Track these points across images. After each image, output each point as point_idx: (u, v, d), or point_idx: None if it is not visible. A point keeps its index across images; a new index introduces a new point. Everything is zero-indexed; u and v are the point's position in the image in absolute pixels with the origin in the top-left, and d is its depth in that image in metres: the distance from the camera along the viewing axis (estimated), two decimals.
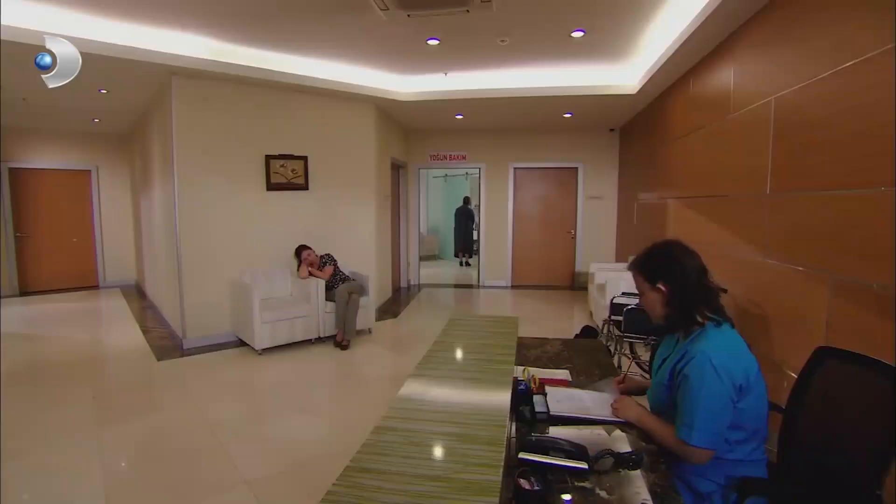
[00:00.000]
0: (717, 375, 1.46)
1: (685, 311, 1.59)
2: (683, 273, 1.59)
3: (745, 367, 1.50)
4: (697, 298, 1.58)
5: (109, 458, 3.00)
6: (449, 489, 1.00)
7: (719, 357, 1.48)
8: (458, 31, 4.33)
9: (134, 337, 5.60)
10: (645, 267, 1.66)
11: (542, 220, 8.72)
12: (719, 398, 1.46)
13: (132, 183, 8.54)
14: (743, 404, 1.49)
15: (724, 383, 1.46)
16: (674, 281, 1.59)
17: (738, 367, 1.49)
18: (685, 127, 4.81)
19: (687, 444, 1.47)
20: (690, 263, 1.60)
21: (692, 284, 1.58)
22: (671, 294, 1.59)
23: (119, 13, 3.90)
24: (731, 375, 1.47)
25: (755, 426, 1.54)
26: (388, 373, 4.59)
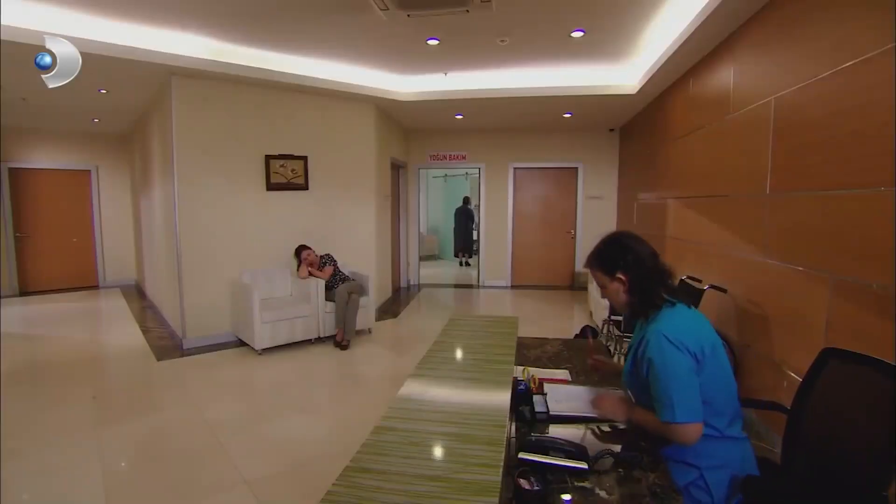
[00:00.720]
0: (675, 348, 1.51)
1: (645, 295, 1.64)
2: (638, 259, 1.64)
3: (699, 339, 1.55)
4: (655, 281, 1.64)
5: (109, 458, 3.00)
6: (448, 489, 1.01)
7: (671, 331, 1.53)
8: (457, 31, 4.33)
9: (134, 337, 5.60)
10: (601, 261, 1.71)
11: (542, 220, 8.72)
12: (685, 370, 1.50)
13: (132, 183, 8.54)
14: (702, 378, 1.52)
15: (683, 354, 1.51)
16: (631, 269, 1.64)
17: (690, 338, 1.53)
18: (685, 127, 4.81)
19: (673, 423, 1.49)
20: (643, 249, 1.67)
21: (648, 269, 1.64)
22: (631, 282, 1.65)
23: (119, 13, 3.90)
24: (686, 346, 1.52)
25: (721, 400, 1.57)
26: (387, 373, 4.58)
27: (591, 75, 5.63)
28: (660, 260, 1.68)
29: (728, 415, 1.58)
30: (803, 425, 1.68)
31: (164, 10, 3.88)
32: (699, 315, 1.65)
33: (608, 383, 1.97)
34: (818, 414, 1.64)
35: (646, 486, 1.35)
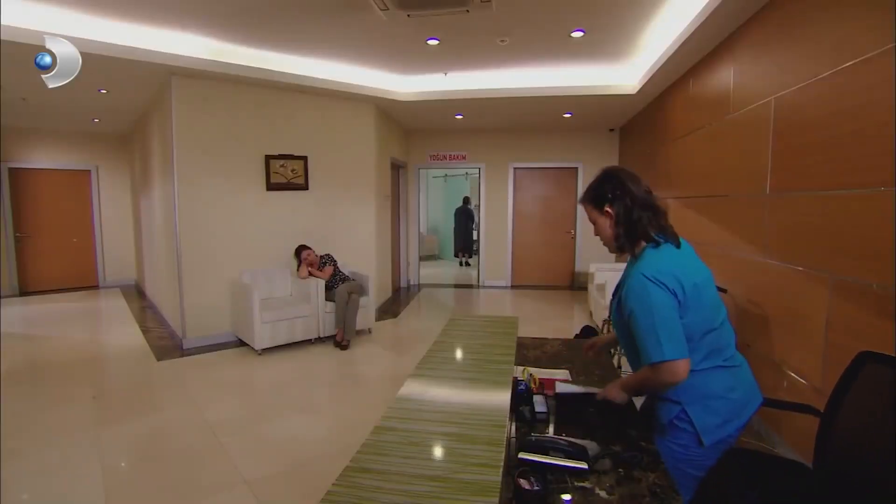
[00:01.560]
0: (655, 285, 1.48)
1: (632, 229, 1.60)
2: (627, 192, 1.59)
3: (678, 278, 1.50)
4: (643, 216, 1.58)
5: (109, 458, 3.00)
6: (448, 489, 1.01)
7: (650, 269, 1.50)
8: (457, 31, 4.33)
9: (134, 337, 5.60)
10: (592, 194, 1.67)
11: (542, 220, 8.72)
12: (668, 306, 1.48)
13: (132, 183, 8.54)
14: (686, 320, 1.50)
15: (663, 290, 1.48)
16: (619, 201, 1.60)
17: (669, 277, 1.49)
18: (685, 127, 4.81)
19: (663, 362, 1.45)
20: (634, 183, 1.62)
21: (638, 202, 1.59)
22: (618, 214, 1.60)
23: (119, 13, 3.90)
24: (665, 283, 1.48)
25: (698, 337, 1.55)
26: (387, 373, 4.59)
27: (591, 75, 5.64)
28: (653, 197, 1.63)
29: (704, 349, 1.57)
30: (837, 428, 1.64)
31: (164, 10, 3.88)
32: (684, 254, 1.61)
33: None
34: (853, 418, 1.61)
35: (646, 486, 1.35)
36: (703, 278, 1.58)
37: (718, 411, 1.56)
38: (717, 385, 1.57)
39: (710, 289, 1.59)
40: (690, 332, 1.51)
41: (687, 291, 1.50)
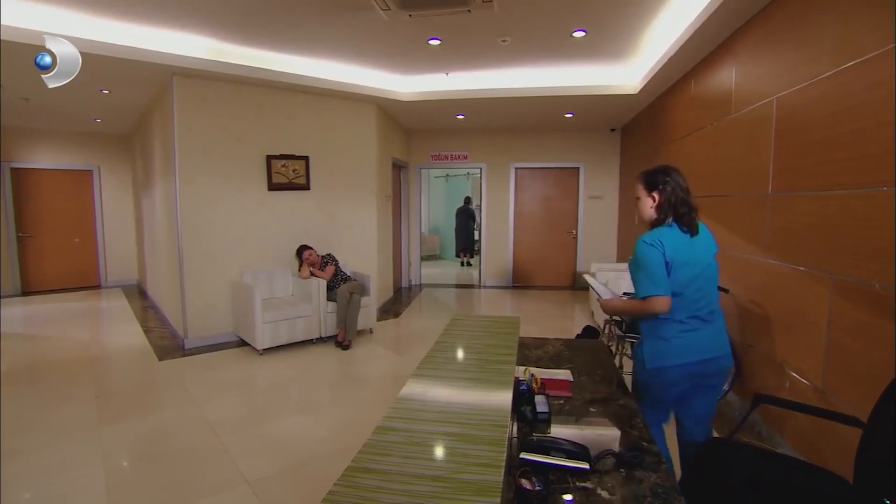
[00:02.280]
0: (649, 246, 1.99)
1: (664, 215, 2.05)
2: (674, 188, 2.04)
3: (672, 250, 1.98)
4: (677, 209, 2.04)
5: (111, 457, 3.00)
6: (450, 489, 1.01)
7: (648, 236, 2.02)
8: (459, 31, 4.33)
9: (135, 337, 5.61)
10: (649, 178, 2.10)
11: (544, 220, 8.71)
12: (658, 260, 1.97)
13: (133, 183, 8.56)
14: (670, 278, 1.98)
15: (656, 250, 1.97)
16: (664, 193, 2.05)
17: (658, 241, 1.98)
18: (686, 127, 4.80)
19: (651, 297, 1.96)
20: (681, 183, 2.07)
21: (677, 198, 2.04)
22: (660, 201, 2.06)
23: (120, 13, 3.91)
24: (654, 245, 1.98)
25: (681, 301, 2.00)
26: (389, 373, 4.59)
27: (592, 75, 5.63)
28: (690, 196, 2.07)
29: (679, 312, 2.01)
30: (880, 441, 1.58)
31: (166, 11, 3.88)
32: (688, 240, 2.04)
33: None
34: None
35: (647, 487, 1.35)
36: (692, 261, 2.01)
37: (660, 349, 2.05)
38: (666, 332, 2.04)
39: (693, 269, 2.01)
40: (678, 288, 1.99)
41: (675, 263, 1.97)
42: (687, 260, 1.99)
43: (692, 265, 2.00)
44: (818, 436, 2.57)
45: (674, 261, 1.97)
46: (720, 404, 3.58)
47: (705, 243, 2.09)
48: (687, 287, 2.00)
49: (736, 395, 3.56)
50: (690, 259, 2.00)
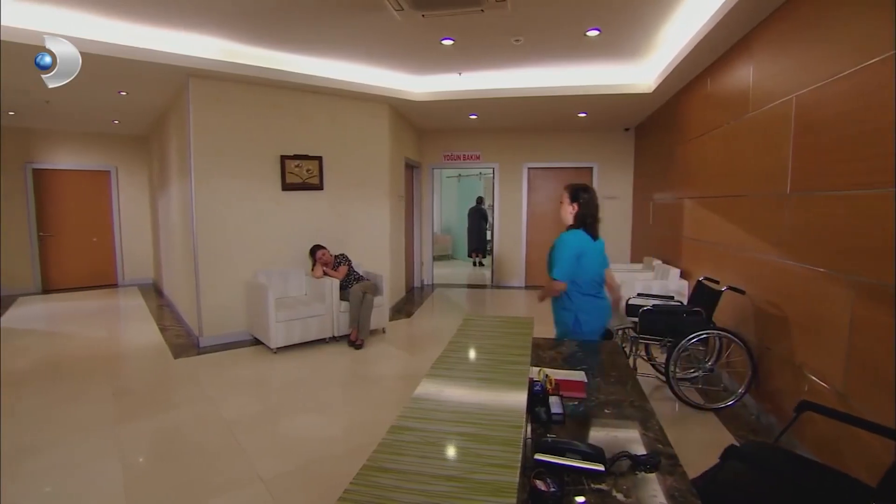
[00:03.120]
0: (564, 243, 2.83)
1: (577, 221, 2.87)
2: (588, 204, 2.86)
3: (579, 247, 2.83)
4: (587, 218, 2.86)
5: (128, 453, 3.05)
6: (465, 489, 1.00)
7: (569, 237, 2.85)
8: (472, 31, 4.32)
9: (152, 335, 5.69)
10: (573, 191, 2.89)
11: (557, 220, 8.53)
12: (568, 255, 2.81)
13: (150, 183, 8.68)
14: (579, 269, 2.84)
15: (569, 247, 2.82)
16: (582, 205, 2.85)
17: (575, 243, 2.83)
18: (702, 126, 4.75)
19: (556, 280, 2.82)
20: (594, 201, 2.88)
21: (589, 211, 2.86)
22: (578, 212, 2.87)
23: (139, 16, 3.97)
24: (570, 246, 2.82)
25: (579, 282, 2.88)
26: (401, 372, 4.60)
27: (606, 74, 5.59)
28: (597, 211, 2.89)
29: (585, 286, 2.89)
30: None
31: (183, 13, 3.93)
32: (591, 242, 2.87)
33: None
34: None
35: (664, 489, 1.33)
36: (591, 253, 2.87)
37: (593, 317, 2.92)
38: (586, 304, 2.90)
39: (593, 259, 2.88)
40: (580, 276, 2.87)
41: (580, 252, 2.82)
42: (591, 256, 2.88)
43: (593, 260, 2.90)
44: (839, 440, 2.52)
45: (582, 255, 2.84)
46: (736, 408, 3.53)
47: (600, 248, 2.96)
48: (588, 273, 2.89)
49: (752, 397, 3.51)
50: (592, 255, 2.89)
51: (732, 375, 3.84)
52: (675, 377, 3.59)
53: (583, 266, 2.85)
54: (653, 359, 4.24)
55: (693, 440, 3.15)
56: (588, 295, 2.92)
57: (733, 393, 3.59)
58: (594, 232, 2.90)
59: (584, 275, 2.87)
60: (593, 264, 2.90)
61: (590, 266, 2.88)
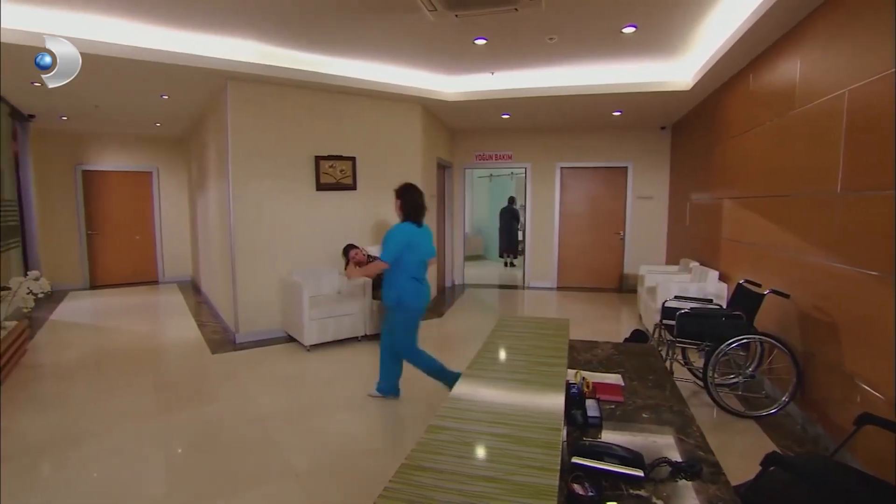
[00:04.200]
0: (394, 233, 3.37)
1: (403, 214, 3.46)
2: (411, 200, 3.47)
3: (408, 237, 3.37)
4: (409, 211, 3.45)
5: (168, 444, 3.15)
6: (505, 491, 0.99)
7: (399, 226, 3.41)
8: (505, 30, 4.30)
9: (190, 331, 5.87)
10: (398, 191, 3.52)
11: (590, 220, 8.54)
12: (396, 243, 3.34)
13: (189, 183, 8.96)
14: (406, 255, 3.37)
15: (398, 236, 3.36)
16: (405, 201, 3.47)
17: (404, 232, 3.39)
18: (743, 123, 4.59)
19: (381, 259, 3.33)
20: (415, 197, 3.49)
21: (411, 205, 3.46)
22: (402, 206, 3.47)
23: (180, 22, 4.09)
24: (402, 232, 3.38)
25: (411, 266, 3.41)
26: None
27: (642, 72, 5.48)
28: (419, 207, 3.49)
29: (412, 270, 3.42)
30: None
31: (222, 19, 4.04)
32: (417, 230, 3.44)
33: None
34: None
35: (706, 498, 1.29)
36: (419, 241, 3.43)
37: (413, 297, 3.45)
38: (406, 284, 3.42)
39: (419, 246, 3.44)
40: (406, 260, 3.38)
41: (408, 241, 3.36)
42: (417, 242, 3.43)
43: (419, 247, 3.44)
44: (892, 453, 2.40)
45: (410, 242, 3.38)
46: (779, 416, 3.40)
47: (428, 236, 3.56)
48: (415, 258, 3.43)
49: (797, 405, 3.37)
50: (418, 243, 3.44)
51: (775, 382, 3.70)
52: (714, 382, 3.48)
53: (411, 252, 3.40)
54: (690, 363, 4.12)
55: (733, 448, 3.05)
56: (412, 278, 3.44)
57: (776, 401, 3.46)
58: (419, 221, 3.49)
59: (410, 260, 3.41)
60: (420, 250, 3.46)
61: (417, 252, 3.44)
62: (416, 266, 3.44)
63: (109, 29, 4.06)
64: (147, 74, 4.74)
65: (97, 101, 6.06)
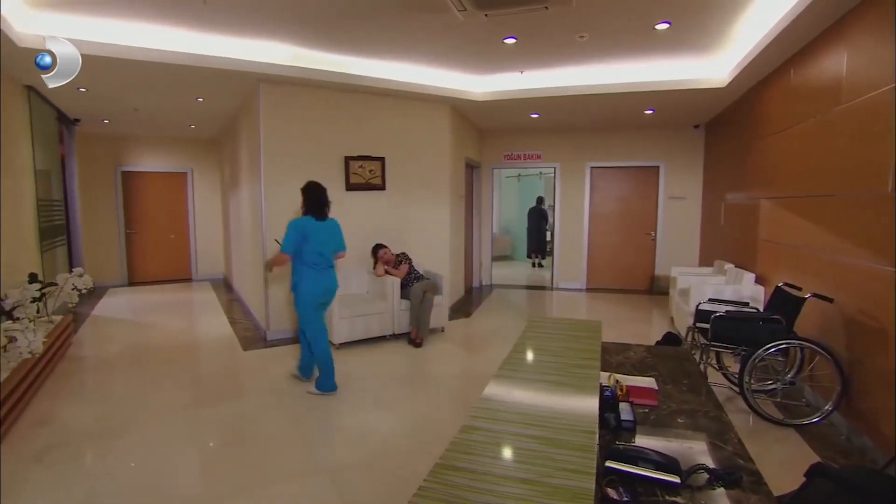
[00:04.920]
0: (291, 226, 3.69)
1: (307, 209, 3.80)
2: (310, 197, 3.81)
3: (304, 229, 3.70)
4: (311, 205, 3.79)
5: (201, 437, 3.23)
6: (541, 493, 0.98)
7: (295, 221, 3.74)
8: (535, 29, 4.26)
9: (223, 327, 6.01)
10: (302, 188, 3.86)
11: (620, 220, 8.40)
12: (292, 234, 3.66)
13: (221, 183, 9.18)
14: (305, 245, 3.70)
15: (294, 228, 3.68)
16: (306, 198, 3.82)
17: (300, 224, 3.71)
18: (783, 121, 4.44)
19: (284, 252, 3.68)
20: (316, 195, 3.81)
21: (311, 201, 3.80)
22: (304, 202, 3.83)
23: (214, 27, 4.19)
24: (297, 225, 3.70)
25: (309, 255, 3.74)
26: (461, 372, 4.60)
27: (675, 69, 5.35)
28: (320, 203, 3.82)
29: (310, 259, 3.74)
30: None
31: (254, 21, 4.11)
32: (317, 224, 3.78)
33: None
34: None
35: None
36: (316, 234, 3.75)
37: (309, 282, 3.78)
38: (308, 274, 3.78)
39: (317, 238, 3.76)
40: (305, 251, 3.72)
41: (304, 233, 3.69)
42: (315, 235, 3.76)
43: (317, 239, 3.77)
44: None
45: (306, 234, 3.72)
46: (822, 425, 3.27)
47: (331, 229, 3.91)
48: (314, 249, 3.75)
49: (841, 415, 3.24)
50: (316, 235, 3.76)
51: (817, 390, 3.56)
52: (750, 388, 3.37)
53: (308, 243, 3.73)
54: (724, 367, 4.01)
55: (771, 457, 2.95)
56: (310, 266, 3.76)
57: (818, 409, 3.33)
58: (320, 215, 3.81)
59: (308, 250, 3.74)
60: (319, 242, 3.77)
61: (315, 243, 3.75)
62: (314, 256, 3.75)
63: (148, 35, 4.19)
64: (183, 78, 4.88)
65: (136, 105, 6.27)
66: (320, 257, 3.77)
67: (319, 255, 3.77)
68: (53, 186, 5.91)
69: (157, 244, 9.10)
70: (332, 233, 3.89)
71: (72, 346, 5.13)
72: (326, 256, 3.82)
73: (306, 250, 3.71)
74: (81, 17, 3.92)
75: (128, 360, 4.79)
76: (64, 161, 6.86)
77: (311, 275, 3.77)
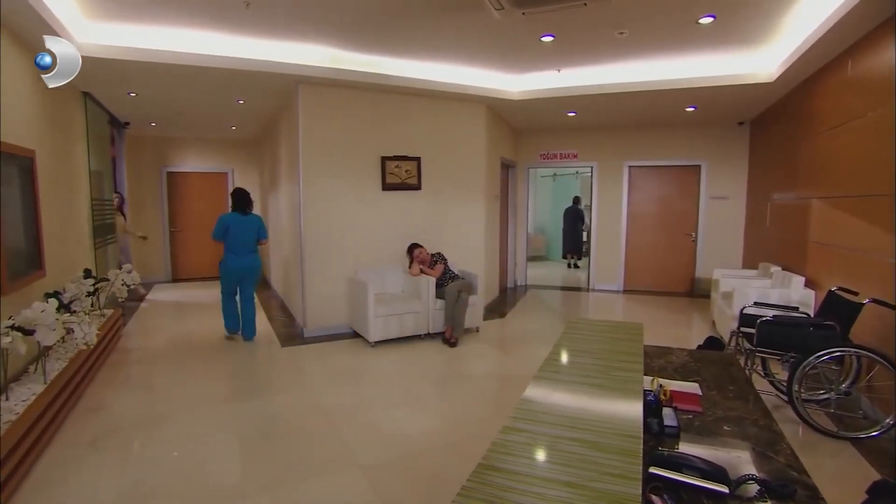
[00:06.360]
0: (219, 220, 5.08)
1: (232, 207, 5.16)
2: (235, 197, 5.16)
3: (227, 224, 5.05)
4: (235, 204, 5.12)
5: (240, 429, 3.32)
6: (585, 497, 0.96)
7: (224, 216, 5.13)
8: (573, 26, 4.19)
9: (261, 324, 6.13)
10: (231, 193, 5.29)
11: (659, 221, 8.18)
12: (218, 226, 5.04)
13: (260, 183, 9.42)
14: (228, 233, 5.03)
15: (220, 222, 5.06)
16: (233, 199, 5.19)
17: (226, 218, 5.09)
18: (838, 116, 4.23)
19: (214, 239, 5.09)
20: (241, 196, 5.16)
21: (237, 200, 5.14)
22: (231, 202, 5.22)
23: (254, 30, 4.29)
24: (223, 219, 5.08)
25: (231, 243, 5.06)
26: (496, 372, 4.58)
27: (719, 64, 5.17)
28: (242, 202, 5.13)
29: (231, 245, 5.06)
30: None
31: (293, 25, 4.19)
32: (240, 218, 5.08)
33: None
34: None
35: None
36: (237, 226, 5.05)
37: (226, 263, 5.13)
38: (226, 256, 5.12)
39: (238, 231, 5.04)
40: (229, 238, 5.03)
41: (227, 225, 5.04)
42: (236, 226, 5.01)
43: (238, 230, 5.01)
44: None
45: (228, 226, 4.98)
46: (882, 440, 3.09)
47: (251, 223, 5.13)
48: (235, 237, 4.99)
49: None
50: (237, 227, 5.02)
51: (875, 402, 3.37)
52: (800, 398, 3.22)
53: (230, 233, 4.98)
54: (771, 375, 3.85)
55: (824, 471, 2.81)
56: (229, 251, 5.06)
57: (877, 422, 3.14)
58: (240, 211, 5.07)
59: (232, 239, 5.00)
60: (240, 232, 5.02)
61: (234, 233, 4.99)
62: (235, 243, 5.02)
63: (193, 41, 4.33)
64: (226, 81, 5.03)
65: (181, 108, 6.50)
66: (240, 245, 5.04)
67: (241, 243, 5.03)
68: (105, 186, 6.19)
69: (199, 242, 9.38)
70: (251, 225, 5.09)
71: (121, 339, 5.37)
72: (246, 244, 5.07)
73: (229, 239, 4.99)
74: (133, 25, 4.08)
75: (171, 353, 4.97)
76: (115, 162, 7.18)
77: (229, 257, 5.06)
